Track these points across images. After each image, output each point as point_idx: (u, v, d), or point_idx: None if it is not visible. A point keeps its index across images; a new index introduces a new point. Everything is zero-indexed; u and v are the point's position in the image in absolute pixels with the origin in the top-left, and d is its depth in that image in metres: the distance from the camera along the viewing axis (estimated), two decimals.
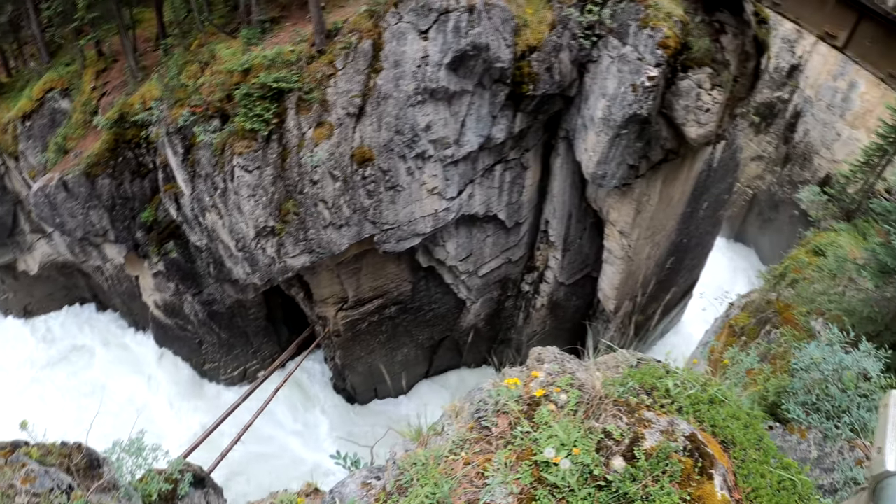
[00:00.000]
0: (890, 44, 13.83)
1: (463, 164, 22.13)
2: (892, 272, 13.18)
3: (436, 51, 19.09)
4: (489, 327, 30.34)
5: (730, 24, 21.23)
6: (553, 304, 29.05)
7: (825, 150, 40.21)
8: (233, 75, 19.26)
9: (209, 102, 19.64)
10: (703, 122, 20.35)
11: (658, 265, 28.37)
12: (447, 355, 31.44)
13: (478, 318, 29.19)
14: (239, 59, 19.26)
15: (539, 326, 29.79)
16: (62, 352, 32.97)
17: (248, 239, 20.99)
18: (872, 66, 14.54)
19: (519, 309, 29.90)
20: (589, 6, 20.45)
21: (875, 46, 14.29)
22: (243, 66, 19.05)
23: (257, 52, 19.19)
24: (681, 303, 34.71)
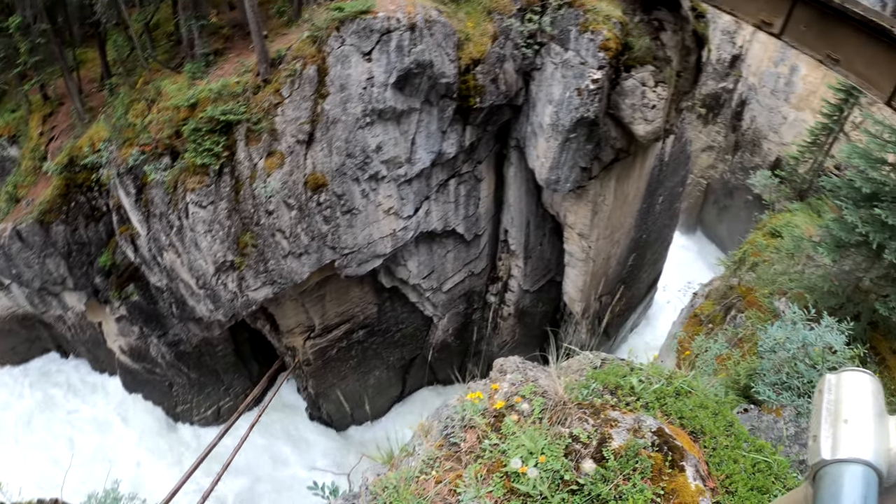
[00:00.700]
0: (825, 26, 14.18)
1: (417, 181, 22.13)
2: (847, 246, 13.48)
3: (380, 71, 19.10)
4: (459, 342, 30.29)
5: (668, 21, 21.65)
6: (520, 312, 29.14)
7: (773, 134, 41.08)
8: (180, 111, 19.08)
9: (158, 140, 19.41)
10: (650, 118, 20.68)
11: (620, 263, 28.67)
12: (420, 374, 31.32)
13: (446, 333, 29.14)
14: (185, 95, 19.08)
15: (509, 336, 29.86)
16: (29, 406, 31.99)
17: (208, 275, 20.71)
18: (810, 49, 14.83)
19: (487, 320, 29.91)
20: (529, 15, 20.68)
21: (810, 30, 14.60)
22: (190, 101, 18.88)
23: (203, 86, 19.04)
24: (647, 297, 35.12)
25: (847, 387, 1.66)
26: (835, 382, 1.68)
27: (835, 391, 1.66)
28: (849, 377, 1.67)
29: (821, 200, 22.29)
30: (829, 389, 1.66)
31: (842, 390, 1.65)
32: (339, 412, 29.93)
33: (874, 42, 13.21)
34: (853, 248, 13.48)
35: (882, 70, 13.25)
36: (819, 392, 1.69)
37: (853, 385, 1.66)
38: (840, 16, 13.67)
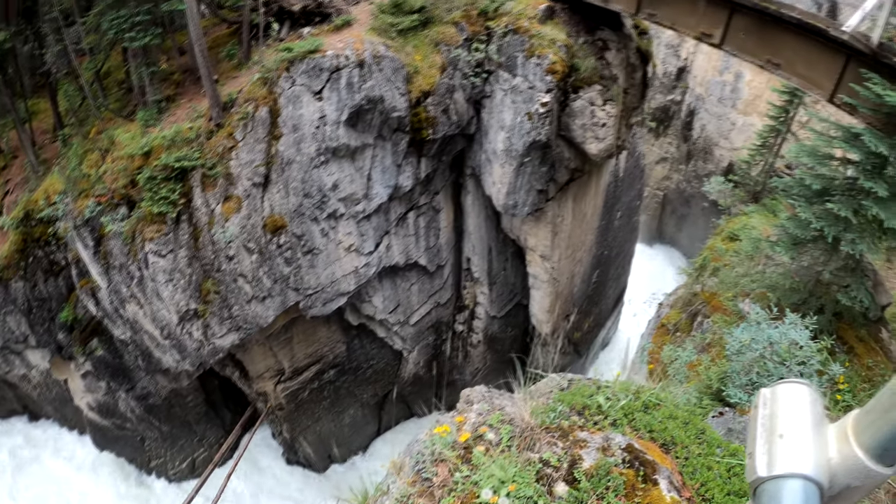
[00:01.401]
0: (763, 32, 14.48)
1: (375, 217, 22.10)
2: (803, 242, 13.76)
3: (332, 109, 19.13)
4: (431, 373, 30.12)
5: (612, 40, 22.10)
6: (489, 338, 29.14)
7: (723, 140, 42.00)
8: (134, 160, 18.88)
9: (113, 190, 19.16)
10: (601, 137, 21.01)
11: (584, 281, 28.88)
12: (395, 409, 31.03)
13: (417, 366, 28.98)
14: (138, 143, 18.87)
15: (480, 363, 29.80)
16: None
17: (172, 325, 20.37)
18: (751, 55, 15.10)
19: (457, 350, 29.83)
20: (475, 45, 20.97)
21: (750, 37, 14.89)
22: (143, 150, 18.69)
23: (156, 134, 18.88)
24: (614, 312, 35.40)
25: (782, 400, 1.66)
26: (770, 397, 1.69)
27: (770, 405, 1.67)
28: (783, 390, 1.69)
29: (775, 200, 22.74)
30: (763, 404, 1.67)
31: (777, 404, 1.66)
32: (317, 454, 29.47)
33: (812, 43, 13.50)
34: (810, 244, 13.76)
35: (822, 69, 13.52)
36: (754, 408, 1.69)
37: (788, 398, 1.67)
38: (777, 21, 13.96)
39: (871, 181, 11.98)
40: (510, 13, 20.82)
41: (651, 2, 17.53)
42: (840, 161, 13.44)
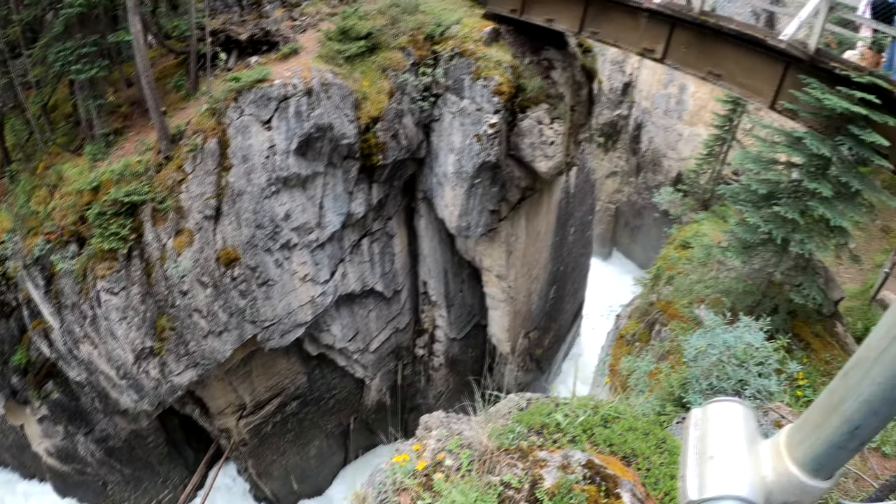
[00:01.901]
0: (703, 45, 14.81)
1: (329, 245, 21.93)
2: (753, 246, 14.05)
3: (281, 139, 19.02)
4: (394, 399, 29.90)
5: (557, 59, 22.49)
6: (451, 360, 29.06)
7: (671, 151, 42.85)
8: (83, 195, 18.52)
9: (63, 227, 18.77)
10: (550, 154, 21.27)
11: (542, 298, 29.07)
12: (361, 437, 30.66)
13: (380, 393, 28.75)
14: (87, 178, 18.54)
15: (443, 386, 29.68)
16: None
17: (128, 364, 19.92)
18: (692, 68, 15.40)
19: (419, 374, 29.70)
20: (422, 69, 21.07)
21: (691, 50, 15.21)
22: (92, 185, 18.35)
23: (104, 168, 18.55)
24: (573, 327, 35.68)
25: (713, 420, 1.66)
26: (701, 417, 1.68)
27: (701, 426, 1.66)
28: (714, 410, 1.68)
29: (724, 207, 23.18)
30: (695, 425, 1.66)
31: (708, 424, 1.66)
32: (284, 488, 28.93)
33: (751, 53, 13.83)
34: (760, 247, 14.04)
35: (762, 77, 13.85)
36: (686, 429, 1.68)
37: (720, 417, 1.66)
38: (717, 33, 14.29)
39: (815, 182, 12.32)
40: (456, 37, 20.95)
41: (594, 20, 17.85)
42: (784, 165, 13.80)
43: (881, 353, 1.35)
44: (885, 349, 1.34)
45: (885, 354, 1.34)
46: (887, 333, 1.34)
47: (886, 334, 1.34)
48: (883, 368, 1.35)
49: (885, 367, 1.34)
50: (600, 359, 21.09)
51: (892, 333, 1.33)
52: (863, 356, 1.41)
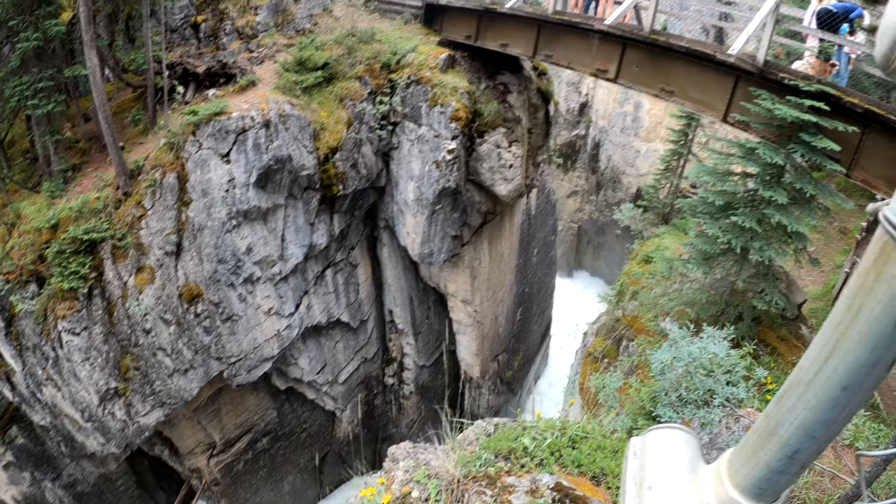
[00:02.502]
0: (655, 63, 15.01)
1: (293, 277, 21.74)
2: (714, 256, 14.24)
3: (240, 172, 18.89)
4: (367, 430, 29.57)
5: (512, 83, 22.77)
6: (421, 388, 28.90)
7: (630, 168, 43.54)
8: (41, 233, 18.16)
9: (22, 267, 18.32)
10: (509, 178, 21.44)
11: (509, 320, 29.13)
12: (335, 470, 30.20)
13: (352, 424, 28.43)
14: (45, 216, 18.18)
15: (415, 413, 29.46)
16: None
17: (93, 407, 19.43)
18: (645, 86, 15.55)
19: (390, 403, 29.46)
20: (379, 98, 21.17)
21: (643, 69, 15.40)
22: (51, 222, 18.01)
23: (63, 205, 18.23)
24: (542, 347, 35.79)
25: (652, 449, 1.66)
26: (640, 446, 1.69)
27: (640, 456, 1.66)
28: (654, 438, 1.69)
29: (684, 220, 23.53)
30: (634, 455, 1.66)
31: (647, 454, 1.66)
32: None
33: (702, 68, 14.03)
34: (720, 257, 14.23)
35: (713, 92, 14.00)
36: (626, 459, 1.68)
37: (659, 445, 1.66)
38: (667, 51, 14.48)
39: (770, 190, 12.55)
40: (412, 64, 21.08)
41: (547, 44, 18.09)
42: (740, 175, 14.07)
43: (814, 376, 1.38)
44: (818, 372, 1.37)
45: (818, 377, 1.37)
46: (818, 357, 1.37)
47: (817, 358, 1.37)
48: (816, 391, 1.37)
49: (819, 391, 1.37)
50: (569, 378, 21.14)
51: (822, 356, 1.36)
52: (796, 379, 1.43)
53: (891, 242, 1.23)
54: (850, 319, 1.30)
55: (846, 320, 1.31)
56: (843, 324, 1.32)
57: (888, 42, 1.37)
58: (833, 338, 1.34)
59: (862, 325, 1.28)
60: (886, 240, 1.25)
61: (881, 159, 11.12)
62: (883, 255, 1.25)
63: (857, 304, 1.29)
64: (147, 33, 19.52)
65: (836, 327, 1.33)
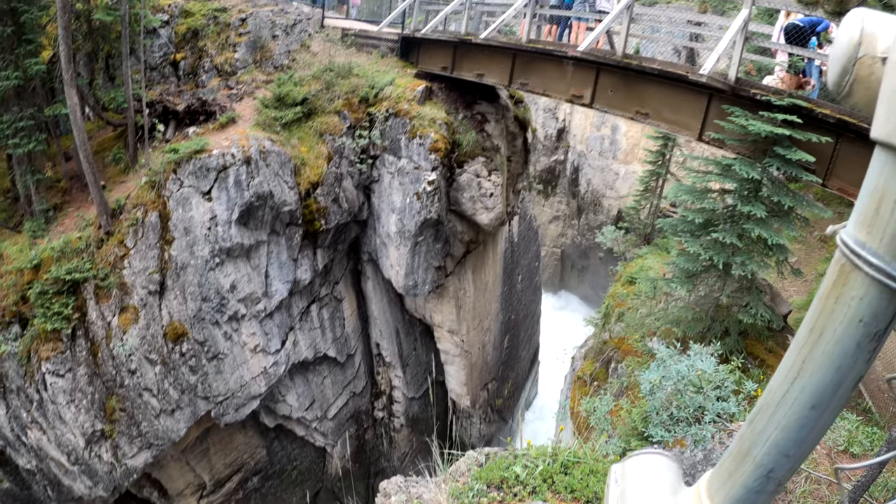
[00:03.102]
0: (629, 86, 15.16)
1: (278, 314, 21.66)
2: (697, 274, 14.37)
3: (222, 209, 18.88)
4: (358, 465, 29.29)
5: (490, 112, 23.00)
6: (412, 420, 28.73)
7: (610, 191, 43.94)
8: (24, 274, 18.07)
9: (4, 308, 18.22)
10: (490, 206, 21.56)
11: (497, 348, 29.12)
12: None
13: (343, 460, 28.14)
14: (27, 256, 18.13)
15: (406, 446, 29.23)
16: None
17: (79, 450, 19.23)
18: (620, 110, 15.67)
19: (380, 437, 29.23)
20: (358, 132, 21.29)
21: (617, 93, 15.52)
22: (33, 263, 17.94)
23: (44, 245, 18.19)
24: (531, 373, 35.77)
25: (633, 475, 1.70)
26: (621, 473, 1.72)
27: (622, 483, 1.70)
28: (634, 464, 1.72)
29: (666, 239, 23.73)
30: (615, 482, 1.70)
31: (628, 480, 1.69)
32: None
33: (675, 89, 14.15)
34: (703, 274, 14.35)
35: (687, 112, 14.10)
36: (607, 486, 1.72)
37: (640, 471, 1.70)
38: (640, 74, 14.62)
39: (748, 205, 12.72)
40: (390, 97, 21.24)
41: (522, 72, 18.28)
42: (718, 192, 14.26)
43: (782, 397, 1.43)
44: (786, 393, 1.42)
45: (786, 398, 1.42)
46: (786, 378, 1.42)
47: (785, 379, 1.42)
48: (786, 412, 1.42)
49: (788, 411, 1.42)
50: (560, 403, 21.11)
51: (790, 378, 1.41)
52: (766, 401, 1.48)
53: (848, 265, 1.29)
54: (814, 341, 1.36)
55: (810, 342, 1.37)
56: (808, 345, 1.37)
57: (838, 69, 1.42)
58: (799, 359, 1.39)
59: (825, 347, 1.33)
60: (844, 262, 1.31)
61: (856, 167, 11.26)
62: (841, 278, 1.31)
63: (819, 325, 1.35)
64: (127, 72, 19.61)
65: (801, 349, 1.39)
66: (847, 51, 1.40)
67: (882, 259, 1.23)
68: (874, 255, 1.24)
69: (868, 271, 1.25)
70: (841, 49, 1.42)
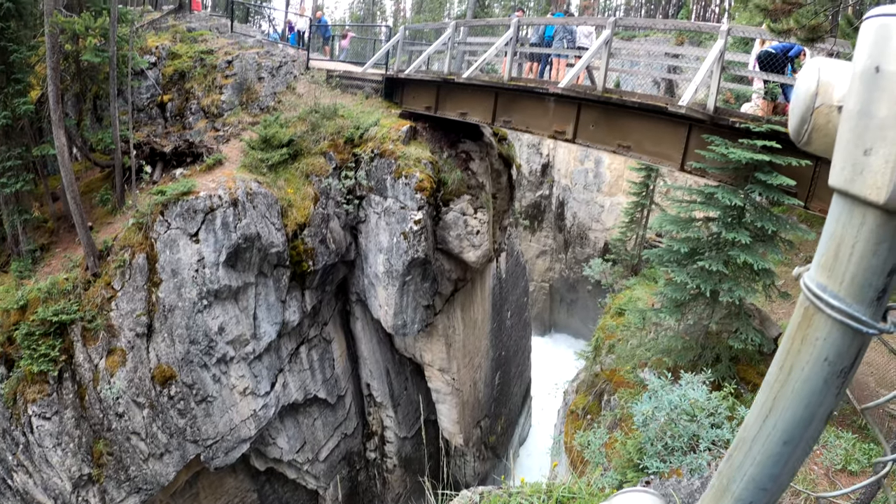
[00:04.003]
0: (610, 120, 15.30)
1: (267, 356, 21.52)
2: (685, 303, 14.44)
3: (210, 251, 18.88)
4: None
5: (474, 150, 23.20)
6: (405, 460, 28.42)
7: (595, 223, 44.24)
8: (10, 315, 17.93)
9: None
10: (477, 244, 21.63)
11: (488, 385, 28.99)
12: None
13: (336, 502, 27.72)
14: (13, 296, 18.01)
15: (400, 487, 28.87)
16: None
17: (66, 494, 18.88)
18: (602, 144, 15.75)
19: (373, 478, 28.85)
20: (344, 172, 21.42)
21: (599, 127, 15.64)
22: (19, 303, 17.82)
23: (31, 286, 18.12)
24: (524, 409, 35.59)
25: None
26: None
27: None
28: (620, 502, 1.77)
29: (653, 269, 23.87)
30: None
31: None
32: None
33: (655, 121, 14.27)
34: (691, 302, 14.44)
35: (668, 143, 14.17)
36: None
37: None
38: (621, 107, 14.76)
39: (733, 232, 12.88)
40: (375, 138, 21.41)
41: (505, 110, 18.49)
42: (702, 221, 14.41)
43: (757, 432, 1.49)
44: (760, 429, 1.49)
45: (760, 434, 1.48)
46: (759, 415, 1.49)
47: (758, 416, 1.49)
48: (760, 448, 1.49)
49: (762, 447, 1.48)
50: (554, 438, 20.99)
51: (762, 415, 1.48)
52: (742, 438, 1.55)
53: (812, 307, 1.37)
54: (783, 379, 1.43)
55: (780, 380, 1.44)
56: (778, 383, 1.44)
57: (797, 118, 1.49)
58: (770, 397, 1.46)
59: (794, 385, 1.40)
60: (808, 305, 1.38)
61: None
62: (806, 319, 1.39)
63: (787, 364, 1.42)
64: (114, 113, 19.74)
65: (772, 387, 1.46)
66: (804, 100, 1.46)
67: (843, 301, 1.31)
68: (835, 297, 1.32)
69: (830, 313, 1.32)
70: (799, 98, 1.49)
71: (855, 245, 1.29)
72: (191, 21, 27.25)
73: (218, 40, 25.14)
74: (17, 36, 19.08)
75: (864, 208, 1.28)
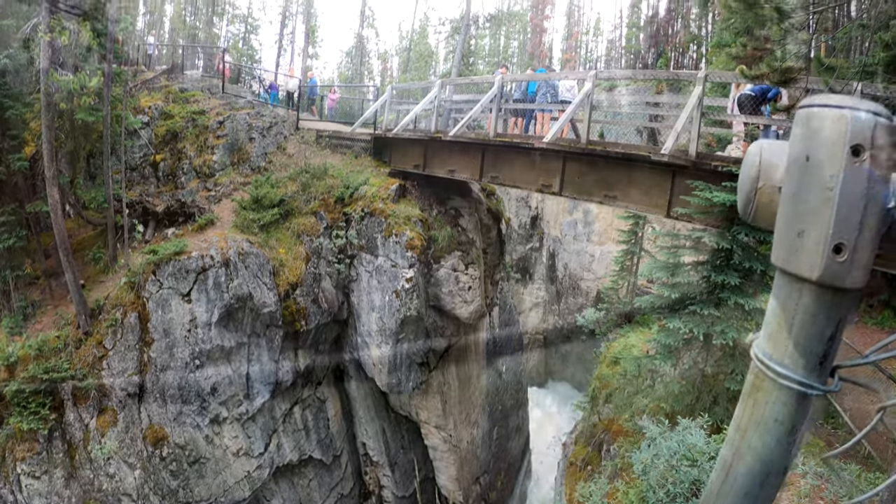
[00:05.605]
0: (595, 171, 15.47)
1: (260, 416, 21.32)
2: (678, 348, 14.49)
3: (202, 311, 18.89)
4: None
5: (463, 206, 23.47)
6: None
7: (587, 273, 44.39)
8: (0, 371, 17.87)
9: None
10: (469, 299, 21.74)
11: (486, 440, 28.69)
12: None
13: None
14: (4, 353, 17.93)
15: None
16: None
17: None
18: (588, 195, 15.96)
19: None
20: (335, 232, 21.61)
21: (584, 179, 15.80)
22: (10, 360, 17.78)
23: (22, 343, 18.08)
24: (524, 463, 35.13)
25: None
26: None
27: None
28: None
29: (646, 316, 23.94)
30: None
31: None
32: None
33: (640, 170, 14.40)
34: (685, 347, 14.50)
35: (654, 191, 14.26)
36: None
37: None
38: (605, 158, 14.95)
39: (722, 275, 13.01)
40: (365, 197, 21.64)
41: (492, 166, 18.76)
42: (692, 265, 14.52)
43: (720, 486, 1.64)
44: (723, 482, 1.63)
45: (724, 487, 1.62)
46: (721, 469, 1.63)
47: (721, 470, 1.63)
48: (725, 501, 1.63)
49: (727, 500, 1.62)
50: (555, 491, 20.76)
51: (724, 469, 1.62)
52: (710, 490, 1.68)
53: (761, 374, 1.53)
54: (740, 438, 1.57)
55: (737, 439, 1.58)
56: (735, 441, 1.58)
57: (743, 196, 1.61)
58: (730, 453, 1.60)
59: (749, 443, 1.55)
60: (758, 371, 1.54)
61: None
62: (756, 384, 1.54)
63: (743, 425, 1.57)
64: (108, 171, 19.97)
65: (731, 444, 1.60)
66: (748, 180, 1.59)
67: (787, 368, 1.46)
68: (780, 365, 1.47)
69: (777, 379, 1.48)
70: (743, 178, 1.61)
71: (795, 317, 1.45)
72: (183, 82, 27.77)
73: (209, 101, 25.55)
74: (12, 92, 19.44)
75: (801, 284, 1.44)
